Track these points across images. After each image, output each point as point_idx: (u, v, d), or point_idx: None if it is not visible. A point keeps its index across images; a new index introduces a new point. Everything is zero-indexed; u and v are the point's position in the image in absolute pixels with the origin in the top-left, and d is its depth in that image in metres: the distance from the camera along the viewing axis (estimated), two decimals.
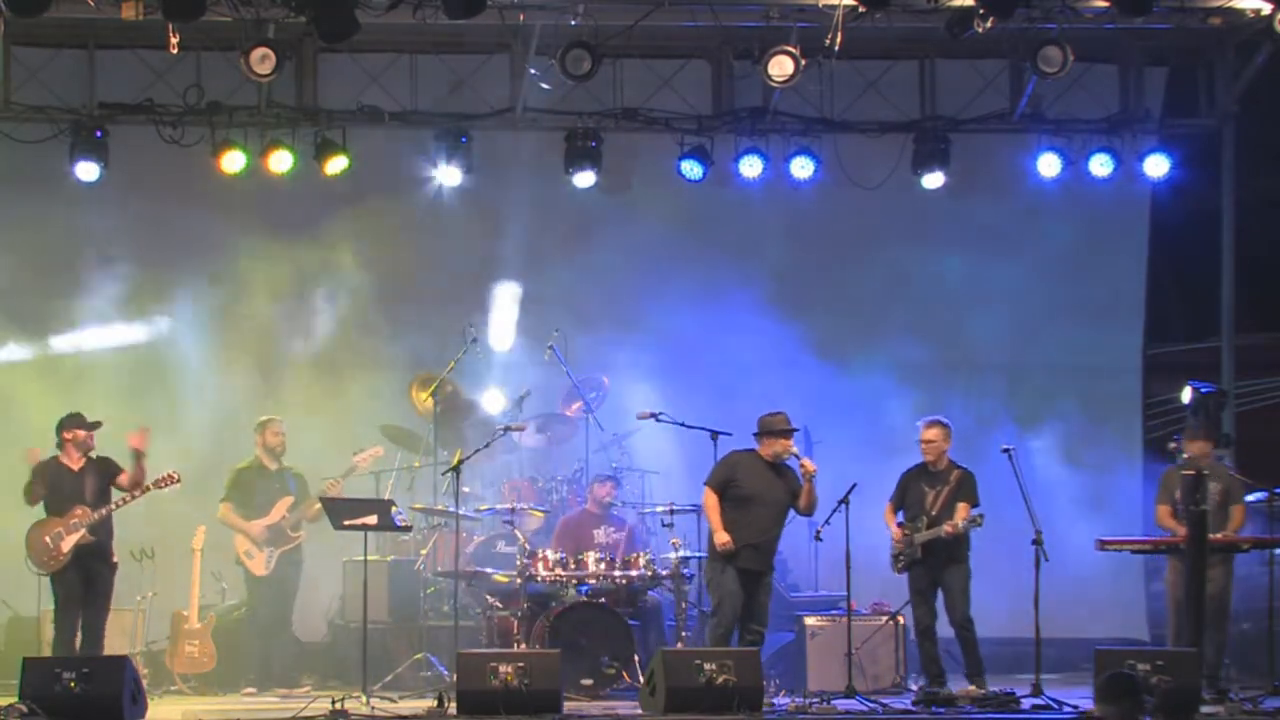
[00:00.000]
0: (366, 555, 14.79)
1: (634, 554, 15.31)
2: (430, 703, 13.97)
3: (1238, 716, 13.64)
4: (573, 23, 15.69)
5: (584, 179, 16.89)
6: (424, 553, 15.96)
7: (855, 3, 15.11)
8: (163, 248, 17.03)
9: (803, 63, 15.55)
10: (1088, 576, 16.44)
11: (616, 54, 16.28)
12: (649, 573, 15.18)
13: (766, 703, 13.78)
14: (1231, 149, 17.41)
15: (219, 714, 14.13)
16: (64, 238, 16.97)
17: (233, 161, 16.36)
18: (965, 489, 14.76)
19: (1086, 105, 17.27)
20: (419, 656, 15.36)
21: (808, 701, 14.21)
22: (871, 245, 17.64)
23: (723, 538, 14.25)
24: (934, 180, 17.09)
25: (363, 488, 16.18)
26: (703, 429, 15.13)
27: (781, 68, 15.58)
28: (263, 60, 15.09)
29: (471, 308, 17.05)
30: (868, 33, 15.62)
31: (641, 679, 14.19)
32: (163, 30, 15.01)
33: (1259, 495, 15.20)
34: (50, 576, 14.40)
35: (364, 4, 14.90)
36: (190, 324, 17.18)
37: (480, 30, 16.05)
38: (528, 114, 16.88)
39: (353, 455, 15.74)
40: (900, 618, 15.41)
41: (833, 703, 14.16)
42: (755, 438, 14.48)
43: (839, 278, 17.68)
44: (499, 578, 15.40)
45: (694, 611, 15.32)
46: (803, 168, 16.88)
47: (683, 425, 15.52)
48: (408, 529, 15.41)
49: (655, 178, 17.23)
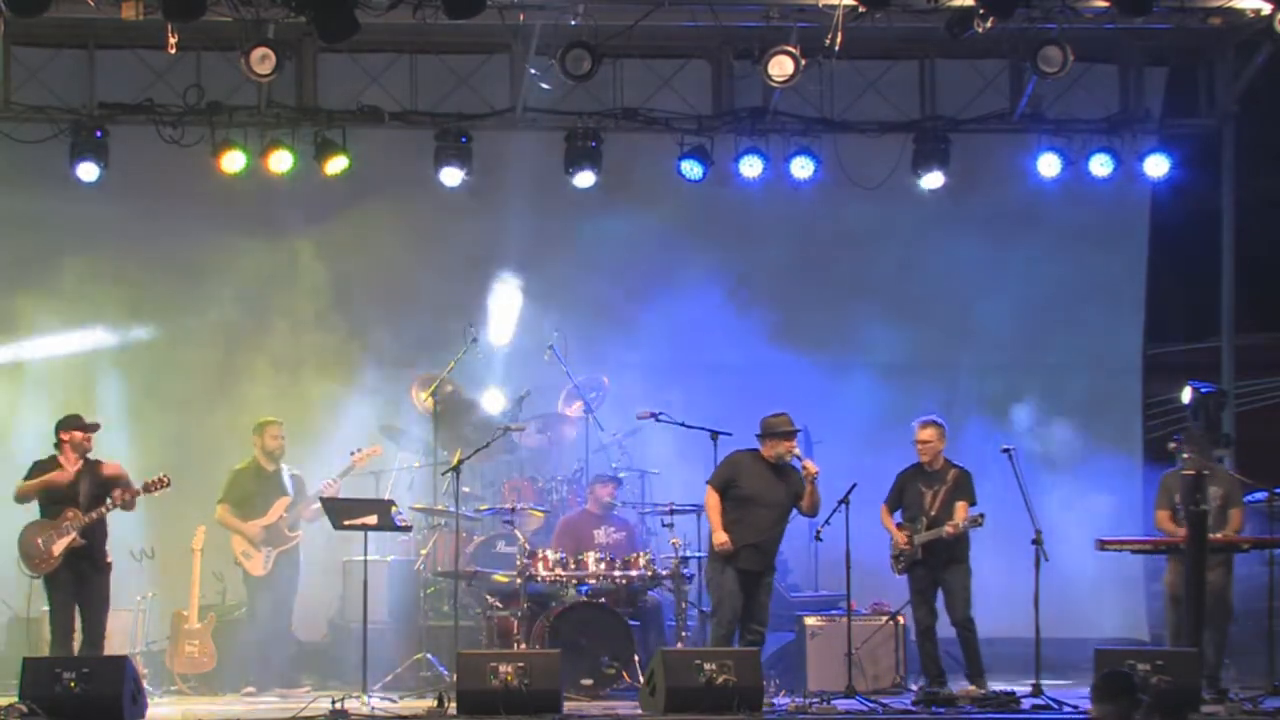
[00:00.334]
0: (366, 555, 14.79)
1: (634, 554, 15.32)
2: (430, 703, 13.98)
3: (1238, 716, 13.65)
4: (573, 23, 15.69)
5: (584, 179, 16.89)
6: (424, 553, 15.96)
7: (855, 3, 15.11)
8: (163, 248, 17.02)
9: (803, 63, 15.55)
10: (1088, 576, 16.45)
11: (616, 54, 16.27)
12: (649, 573, 15.18)
13: (766, 703, 13.78)
14: (1231, 149, 17.41)
15: (219, 714, 14.15)
16: (64, 237, 16.97)
17: (233, 161, 16.36)
18: (963, 488, 14.78)
19: (1086, 105, 17.27)
20: (419, 656, 15.35)
21: (808, 701, 14.21)
22: (871, 245, 17.63)
23: (721, 538, 14.26)
24: (934, 180, 17.09)
25: (363, 488, 16.19)
26: (703, 429, 15.13)
27: (781, 68, 15.58)
28: (263, 60, 15.09)
29: (471, 308, 17.04)
30: (868, 33, 15.62)
31: (641, 679, 14.19)
32: (163, 30, 15.00)
33: (1259, 495, 15.20)
34: (44, 578, 14.31)
35: (364, 4, 14.89)
36: (190, 324, 17.18)
37: (480, 30, 16.03)
38: (528, 114, 16.88)
39: (350, 454, 15.75)
40: (900, 618, 15.41)
41: (833, 703, 14.17)
42: (757, 439, 14.48)
43: (839, 277, 17.67)
44: (499, 578, 15.40)
45: (694, 611, 15.32)
46: (803, 168, 16.89)
47: (683, 425, 15.52)
48: (408, 529, 15.40)
49: (655, 178, 17.22)
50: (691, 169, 16.84)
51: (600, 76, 15.94)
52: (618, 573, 15.16)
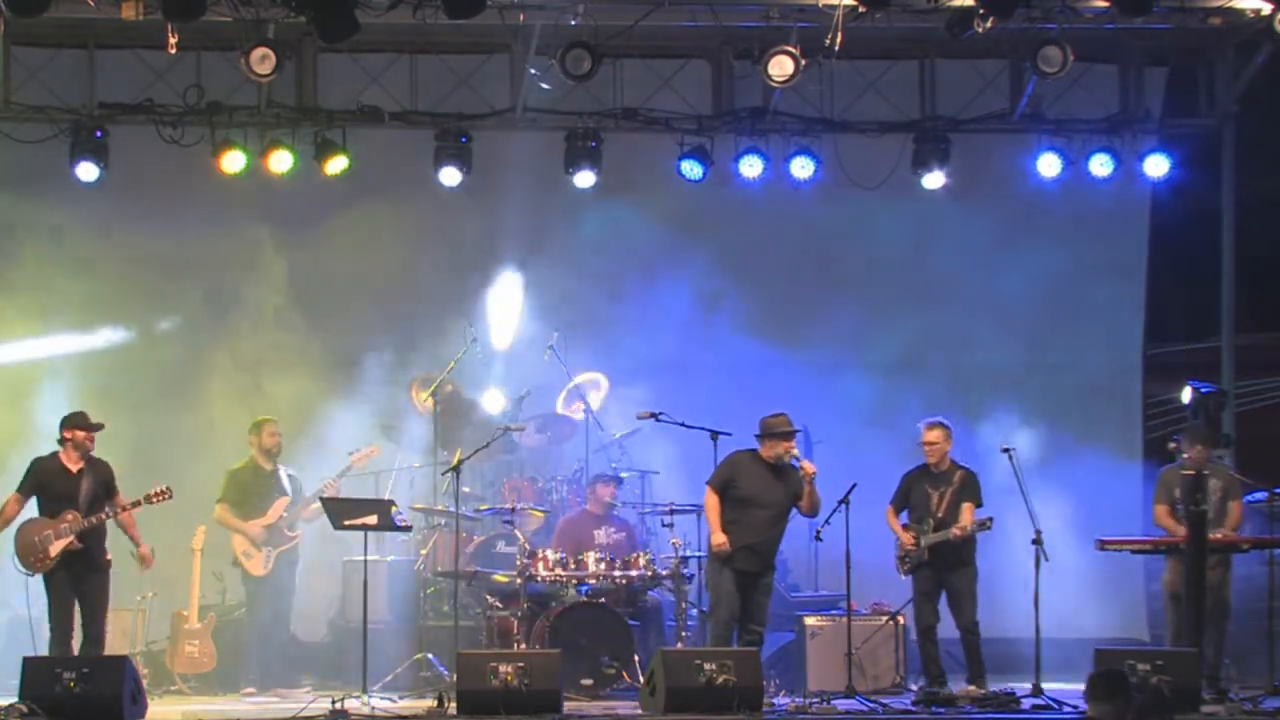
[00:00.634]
0: (366, 555, 14.79)
1: (634, 554, 15.32)
2: (430, 703, 13.99)
3: (1238, 716, 13.65)
4: (573, 23, 15.69)
5: (584, 179, 16.89)
6: (424, 553, 15.96)
7: (855, 3, 15.11)
8: (162, 247, 17.02)
9: (803, 63, 15.55)
10: (1088, 576, 16.44)
11: (616, 54, 16.27)
12: (649, 573, 15.18)
13: (766, 703, 13.78)
14: (1231, 149, 17.40)
15: (219, 714, 14.15)
16: (66, 237, 16.97)
17: (233, 161, 16.35)
18: (969, 489, 14.78)
19: (1086, 105, 17.27)
20: (419, 656, 15.35)
21: (808, 701, 14.21)
22: (871, 245, 17.63)
23: (719, 539, 14.26)
24: (934, 180, 17.10)
25: (363, 488, 16.18)
26: (703, 429, 15.11)
27: (781, 68, 15.58)
28: (263, 60, 15.08)
29: (471, 308, 17.05)
30: (868, 33, 15.61)
31: (641, 679, 14.19)
32: (163, 30, 15.00)
33: (1259, 495, 15.20)
34: (43, 577, 14.23)
35: (364, 4, 14.88)
36: (190, 324, 17.19)
37: (480, 30, 16.03)
38: (528, 114, 16.88)
39: (349, 454, 15.74)
40: (900, 618, 15.41)
41: (833, 703, 14.17)
42: (757, 439, 14.48)
43: (839, 277, 17.67)
44: (499, 578, 15.40)
45: (694, 611, 15.32)
46: (803, 168, 16.88)
47: (683, 425, 15.49)
48: (408, 529, 15.39)
49: (655, 178, 17.22)
50: (691, 169, 16.84)
51: (600, 76, 15.93)
52: (618, 573, 15.16)
